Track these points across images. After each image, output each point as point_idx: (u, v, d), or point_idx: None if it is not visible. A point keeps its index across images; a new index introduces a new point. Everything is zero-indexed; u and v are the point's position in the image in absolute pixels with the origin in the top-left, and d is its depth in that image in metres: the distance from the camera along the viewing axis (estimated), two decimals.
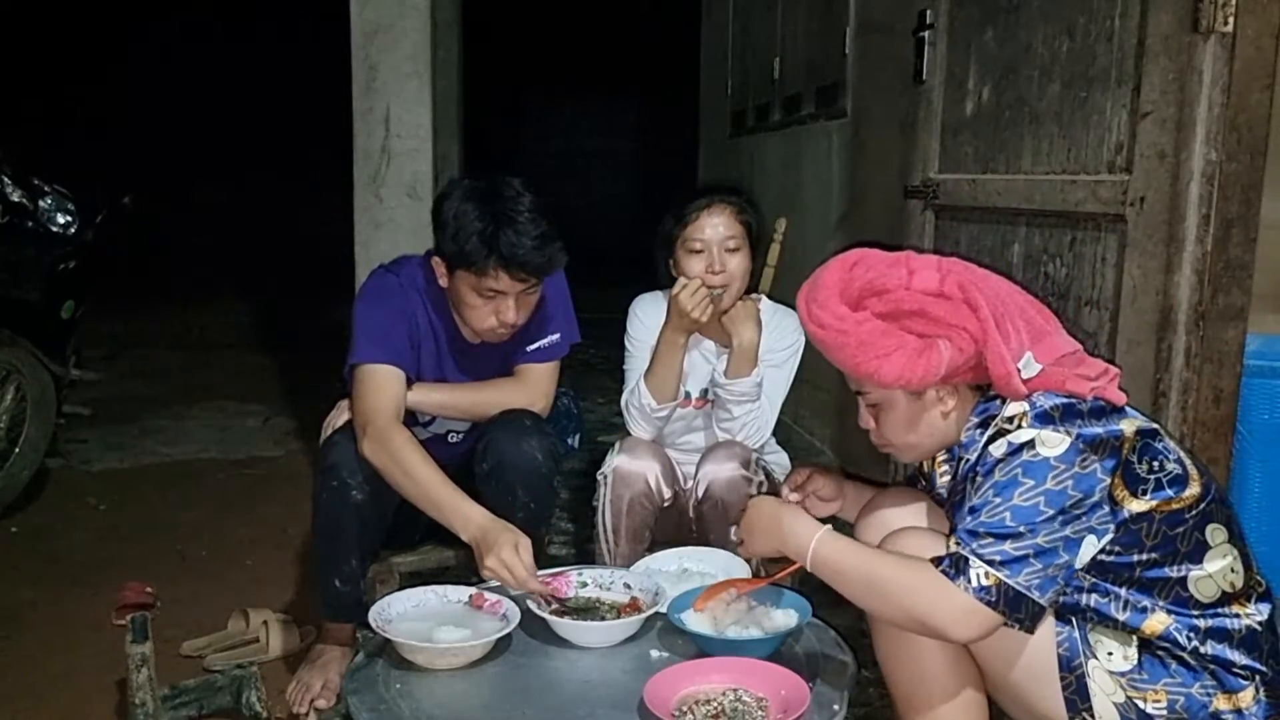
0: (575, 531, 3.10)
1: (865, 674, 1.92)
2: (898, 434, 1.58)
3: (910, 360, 1.46)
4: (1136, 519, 1.39)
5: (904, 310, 1.48)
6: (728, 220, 2.25)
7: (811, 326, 1.53)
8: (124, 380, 5.17)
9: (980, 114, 2.62)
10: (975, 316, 1.47)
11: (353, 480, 2.00)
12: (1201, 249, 1.88)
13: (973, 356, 1.47)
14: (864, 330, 1.48)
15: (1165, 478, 1.40)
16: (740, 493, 2.14)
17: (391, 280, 2.18)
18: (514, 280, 1.99)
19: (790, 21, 4.78)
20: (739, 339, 2.24)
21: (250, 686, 2.05)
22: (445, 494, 1.90)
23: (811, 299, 1.54)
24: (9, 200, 3.33)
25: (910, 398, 1.54)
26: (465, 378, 2.21)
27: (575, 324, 2.27)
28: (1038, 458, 1.38)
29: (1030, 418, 1.41)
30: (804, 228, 4.25)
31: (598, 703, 1.50)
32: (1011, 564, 1.35)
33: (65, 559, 2.98)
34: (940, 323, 1.47)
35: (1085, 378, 1.46)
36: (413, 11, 4.01)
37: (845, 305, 1.50)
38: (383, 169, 4.00)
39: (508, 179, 2.05)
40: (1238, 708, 1.38)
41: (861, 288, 1.50)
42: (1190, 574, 1.41)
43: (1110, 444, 1.39)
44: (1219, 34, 1.83)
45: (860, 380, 1.55)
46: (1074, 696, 1.41)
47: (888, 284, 1.49)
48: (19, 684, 2.25)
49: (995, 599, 1.34)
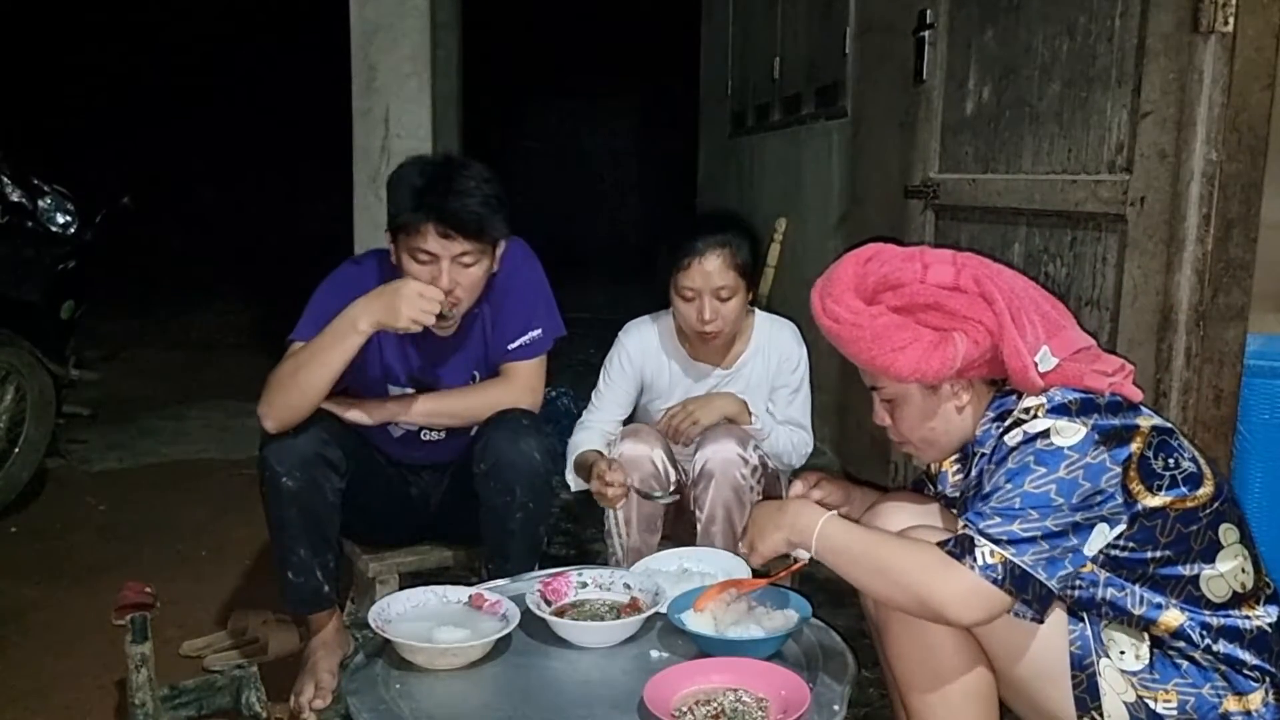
0: (575, 531, 3.10)
1: (865, 674, 1.92)
2: (914, 429, 1.58)
3: (926, 353, 1.46)
4: (1150, 514, 1.39)
5: (919, 304, 1.47)
6: (720, 268, 2.19)
7: (826, 320, 1.52)
8: (124, 380, 5.17)
9: (980, 114, 2.61)
10: (991, 310, 1.46)
11: (280, 468, 1.98)
12: (1202, 249, 1.88)
13: (988, 350, 1.47)
14: (879, 324, 1.47)
15: (1180, 475, 1.40)
16: (737, 472, 2.14)
17: (351, 270, 2.18)
18: (441, 238, 1.95)
19: (790, 21, 4.78)
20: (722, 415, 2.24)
21: (250, 687, 2.05)
22: (327, 329, 1.94)
23: (826, 293, 1.53)
24: (9, 200, 3.33)
25: (925, 392, 1.53)
26: (434, 372, 2.19)
27: (558, 317, 2.23)
28: (1051, 446, 1.38)
29: (1047, 409, 1.41)
30: (804, 228, 4.25)
31: (598, 703, 1.50)
32: (1019, 543, 1.34)
33: (65, 559, 2.98)
34: (956, 316, 1.46)
35: (1102, 373, 1.46)
36: (412, 11, 4.02)
37: (860, 299, 1.49)
38: (383, 169, 4.01)
39: (463, 158, 2.05)
40: (1247, 709, 1.37)
41: (876, 282, 1.50)
42: (1203, 572, 1.41)
43: (1123, 435, 1.39)
44: (1219, 34, 1.83)
45: (875, 375, 1.55)
46: (1084, 695, 1.41)
47: (903, 278, 1.49)
48: (19, 684, 2.25)
49: (1001, 578, 1.34)
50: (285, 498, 2.00)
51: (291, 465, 1.98)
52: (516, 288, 2.17)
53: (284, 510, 2.01)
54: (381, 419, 2.12)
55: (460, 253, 1.97)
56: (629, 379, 2.36)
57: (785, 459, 2.35)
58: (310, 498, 2.01)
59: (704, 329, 2.21)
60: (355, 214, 4.13)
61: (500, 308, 2.16)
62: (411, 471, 2.29)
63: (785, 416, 2.34)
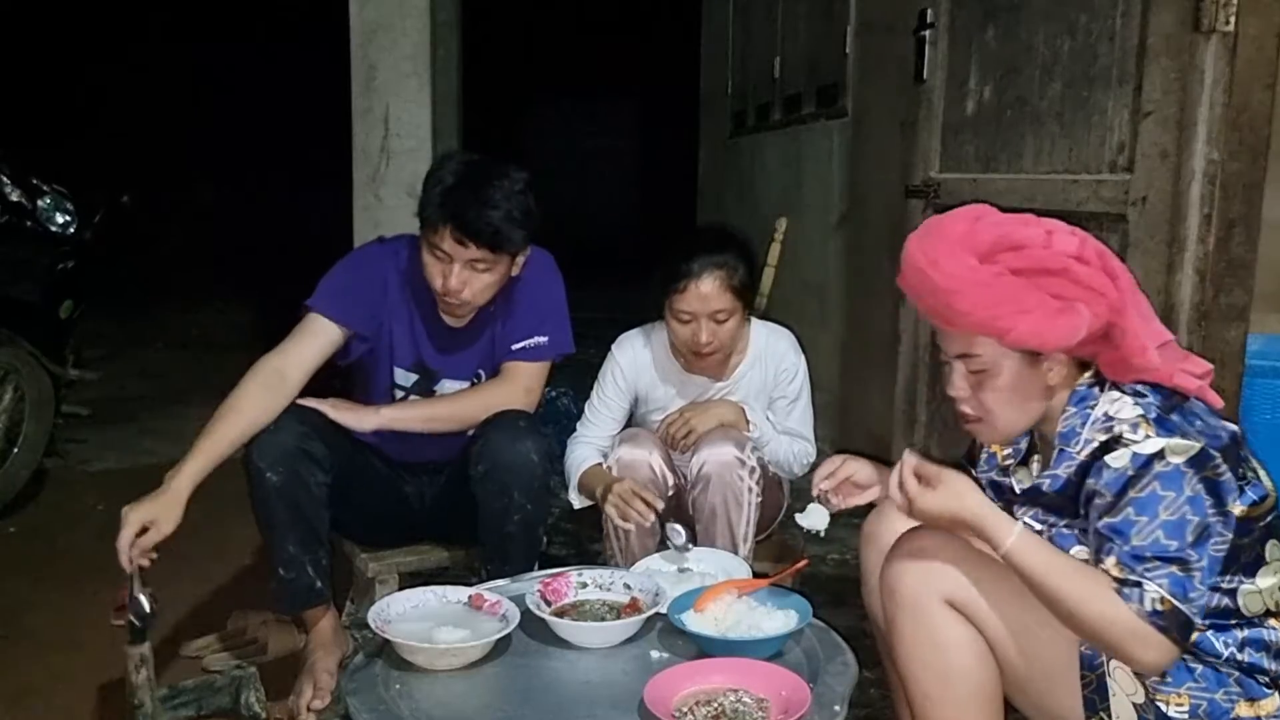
0: (575, 532, 3.09)
1: (866, 674, 1.91)
2: (999, 403, 1.46)
3: (1049, 320, 1.37)
4: (1237, 525, 1.35)
5: (1045, 268, 1.38)
6: (717, 291, 2.15)
7: (936, 275, 1.40)
8: (124, 380, 5.17)
9: (981, 113, 2.61)
10: (1114, 286, 1.39)
11: (263, 462, 2.00)
12: (1203, 248, 1.88)
13: (1101, 328, 1.38)
14: (1001, 284, 1.38)
15: (1249, 484, 1.37)
16: (735, 474, 2.14)
17: (374, 249, 2.24)
18: (454, 242, 1.97)
19: (790, 21, 4.78)
20: (720, 422, 2.23)
21: (249, 687, 2.05)
22: (200, 439, 1.97)
23: (935, 248, 1.42)
24: (8, 200, 3.33)
25: (1024, 362, 1.43)
26: (446, 360, 2.20)
27: (568, 333, 2.24)
28: (1169, 467, 1.32)
29: (1152, 424, 1.35)
30: (804, 227, 4.25)
31: (598, 703, 1.50)
32: (1181, 587, 1.30)
33: (65, 559, 2.98)
34: (1081, 285, 1.38)
35: (1191, 374, 1.40)
36: (413, 11, 4.02)
37: (974, 257, 1.40)
38: (382, 168, 4.01)
39: (510, 164, 2.06)
40: (1258, 715, 1.36)
41: (994, 241, 1.41)
42: (1241, 587, 1.38)
43: (1229, 448, 1.36)
44: (1220, 33, 1.83)
45: (976, 338, 1.43)
46: (1093, 696, 1.39)
47: (1025, 240, 1.40)
48: (19, 684, 2.24)
49: (1167, 624, 1.29)
50: (270, 492, 2.01)
51: (274, 460, 1.99)
52: (532, 295, 2.18)
53: (270, 505, 2.02)
54: (375, 426, 2.12)
55: (473, 258, 2.00)
56: (623, 395, 2.36)
57: (786, 468, 2.34)
58: (294, 492, 2.02)
59: (700, 350, 2.20)
60: (355, 213, 4.13)
61: (512, 311, 2.18)
62: (406, 470, 2.29)
63: (785, 427, 2.34)
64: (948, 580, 1.46)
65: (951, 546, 1.47)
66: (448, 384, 2.23)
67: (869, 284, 3.69)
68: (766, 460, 2.26)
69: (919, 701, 1.52)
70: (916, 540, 1.50)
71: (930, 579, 1.46)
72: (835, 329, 4.06)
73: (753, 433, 2.23)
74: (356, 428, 2.10)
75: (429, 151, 4.00)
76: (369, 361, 2.20)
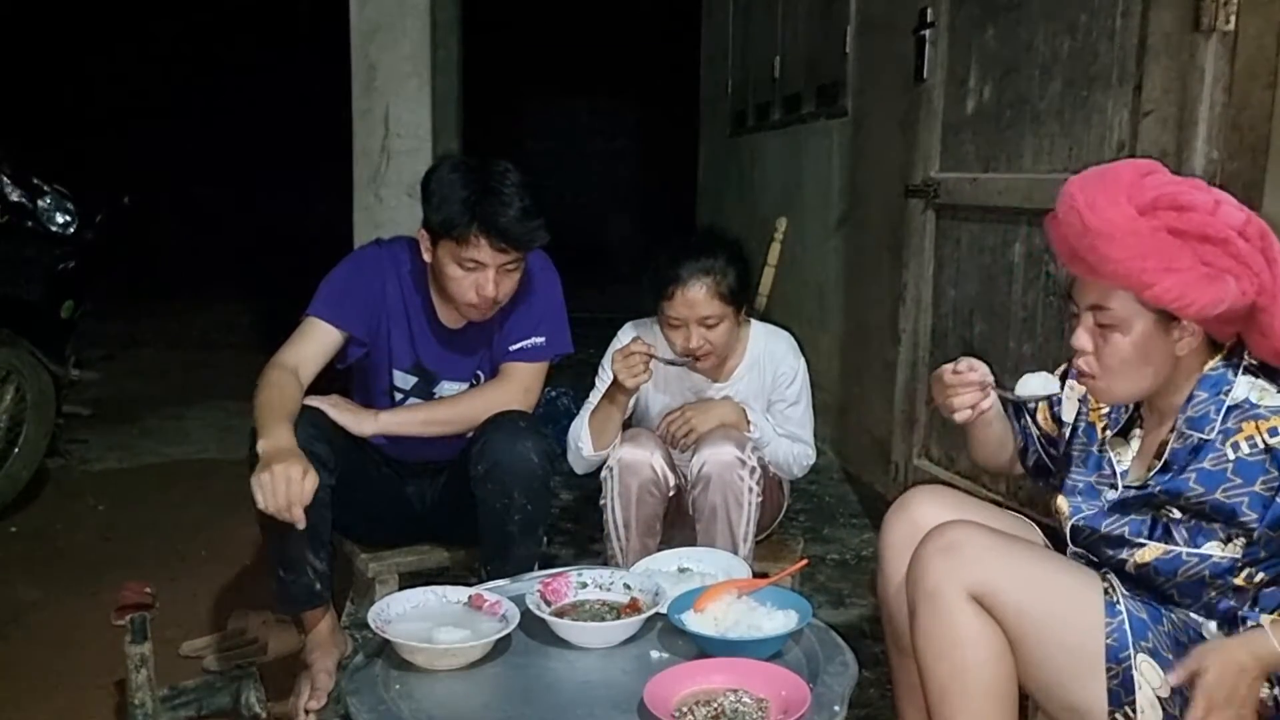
0: (575, 532, 3.09)
1: (865, 674, 1.91)
2: (1123, 362, 1.43)
3: (1196, 283, 1.34)
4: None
5: (1205, 234, 1.36)
6: (705, 298, 2.17)
7: (1091, 217, 1.37)
8: (124, 380, 5.17)
9: (981, 112, 2.61)
10: (1270, 269, 1.36)
11: None
12: None
13: (1245, 308, 1.36)
14: (1155, 238, 1.34)
15: None
16: (735, 474, 2.13)
17: (371, 252, 2.23)
18: (494, 250, 2.00)
19: (790, 20, 4.79)
20: (720, 422, 2.23)
21: (249, 687, 2.05)
22: (267, 413, 1.91)
23: (1097, 191, 1.39)
24: (9, 200, 3.33)
25: (1159, 323, 1.40)
26: (444, 362, 2.21)
27: (566, 333, 2.26)
28: None
29: None
30: (804, 227, 4.25)
31: (598, 703, 1.50)
32: None
33: (65, 559, 2.98)
34: (1237, 259, 1.35)
35: None
36: (412, 11, 4.02)
37: (1133, 208, 1.37)
38: (382, 168, 4.01)
39: (496, 159, 2.07)
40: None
41: (1158, 196, 1.38)
42: None
43: None
44: (1220, 33, 1.83)
45: (1115, 289, 1.40)
46: (1119, 689, 1.39)
47: (1192, 202, 1.38)
48: (19, 684, 2.24)
49: None
50: None
51: None
52: (529, 295, 2.19)
53: None
54: (373, 431, 2.12)
55: (507, 261, 2.03)
56: None
57: (785, 469, 2.34)
58: None
59: (692, 354, 2.21)
60: (355, 214, 4.13)
61: (510, 311, 2.18)
62: (406, 470, 2.29)
63: (785, 430, 2.34)
64: (974, 572, 1.45)
65: (981, 537, 1.46)
66: (446, 386, 2.23)
67: (869, 284, 3.69)
68: (766, 461, 2.26)
69: (934, 693, 1.52)
70: (947, 533, 1.50)
71: (956, 571, 1.46)
72: (835, 329, 4.06)
73: (753, 433, 2.24)
74: (354, 431, 2.10)
75: (429, 151, 4.00)
76: (368, 364, 2.20)
